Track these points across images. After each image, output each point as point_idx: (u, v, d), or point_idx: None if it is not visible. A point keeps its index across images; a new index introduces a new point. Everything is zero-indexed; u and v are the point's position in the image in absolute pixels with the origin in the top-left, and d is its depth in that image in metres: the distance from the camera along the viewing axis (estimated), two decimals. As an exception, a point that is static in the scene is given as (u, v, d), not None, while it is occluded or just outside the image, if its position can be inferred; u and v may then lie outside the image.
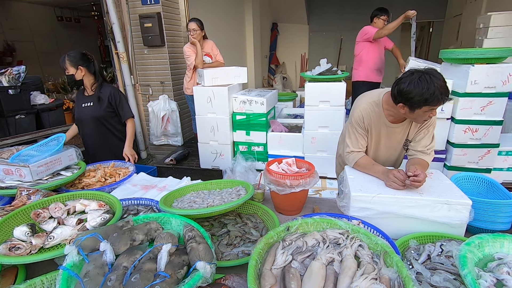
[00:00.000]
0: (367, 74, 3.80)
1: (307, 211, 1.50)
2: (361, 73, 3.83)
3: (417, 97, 1.27)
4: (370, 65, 3.76)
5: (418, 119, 1.40)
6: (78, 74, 2.13)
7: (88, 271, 0.84)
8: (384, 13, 3.62)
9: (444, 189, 1.25)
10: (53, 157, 1.66)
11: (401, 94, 1.32)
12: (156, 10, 3.81)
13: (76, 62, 2.11)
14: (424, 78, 1.26)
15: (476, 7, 5.20)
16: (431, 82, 1.24)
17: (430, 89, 1.24)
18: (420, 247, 1.09)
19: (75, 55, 2.12)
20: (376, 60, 3.76)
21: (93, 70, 2.20)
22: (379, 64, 3.79)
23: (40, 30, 6.75)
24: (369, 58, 3.74)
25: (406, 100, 1.32)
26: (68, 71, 2.10)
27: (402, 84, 1.31)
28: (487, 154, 2.68)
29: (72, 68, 2.10)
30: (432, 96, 1.24)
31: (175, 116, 4.18)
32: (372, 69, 3.77)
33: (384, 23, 3.62)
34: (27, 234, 1.10)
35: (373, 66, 3.77)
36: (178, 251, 0.96)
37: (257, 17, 7.07)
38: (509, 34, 3.90)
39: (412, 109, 1.33)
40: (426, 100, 1.26)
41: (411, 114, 1.36)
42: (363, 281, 0.78)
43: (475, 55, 2.43)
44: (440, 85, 1.24)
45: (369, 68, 3.77)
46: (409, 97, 1.29)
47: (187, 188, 1.57)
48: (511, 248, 0.94)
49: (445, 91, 1.26)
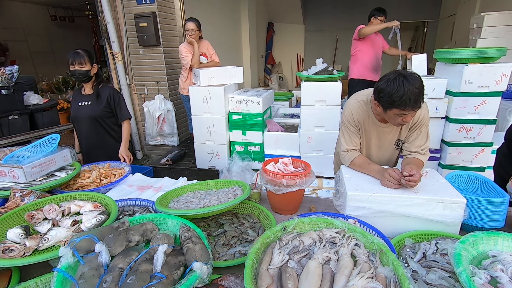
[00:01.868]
0: (361, 72, 3.85)
1: (304, 210, 1.50)
2: (356, 71, 3.89)
3: (386, 97, 1.27)
4: (364, 63, 3.81)
5: (391, 121, 1.40)
6: (92, 70, 2.18)
7: (83, 272, 0.83)
8: (381, 13, 3.65)
9: (439, 188, 1.26)
10: (47, 158, 1.64)
11: (376, 91, 1.34)
12: (152, 9, 3.79)
13: (92, 58, 2.18)
14: (397, 80, 1.24)
15: (469, 7, 5.25)
16: (402, 85, 1.23)
17: (399, 91, 1.23)
18: (415, 245, 1.10)
19: (88, 52, 2.17)
20: (371, 59, 3.80)
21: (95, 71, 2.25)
22: (374, 63, 3.83)
23: (33, 29, 6.67)
24: (364, 56, 3.79)
25: (379, 99, 1.33)
26: (84, 66, 2.12)
27: (379, 82, 1.32)
28: (481, 152, 2.71)
29: (89, 64, 2.14)
30: (399, 100, 1.23)
31: (171, 116, 4.16)
32: (367, 67, 3.81)
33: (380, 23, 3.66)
34: (21, 236, 1.09)
35: (367, 65, 3.81)
36: (175, 251, 0.96)
37: (253, 16, 7.06)
38: (502, 34, 3.95)
39: (384, 109, 1.34)
40: (393, 102, 1.26)
41: (385, 114, 1.37)
42: (359, 280, 0.78)
43: (469, 55, 2.46)
44: (411, 90, 1.22)
45: (364, 66, 3.81)
46: (380, 95, 1.31)
47: (183, 188, 1.57)
48: (504, 246, 0.96)
49: (415, 97, 1.23)
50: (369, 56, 3.78)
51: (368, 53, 3.77)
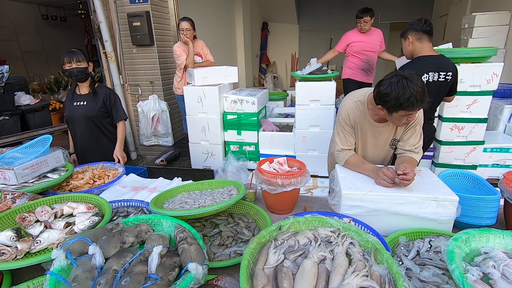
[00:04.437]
0: (350, 73, 3.85)
1: (299, 210, 1.51)
2: (346, 71, 3.91)
3: (393, 101, 1.28)
4: (354, 64, 3.80)
5: (396, 122, 1.42)
6: (90, 68, 2.19)
7: (76, 275, 0.82)
8: (365, 14, 3.52)
9: (432, 186, 1.27)
10: (39, 159, 1.62)
11: (379, 96, 1.34)
12: (145, 8, 3.76)
13: (86, 56, 2.18)
14: (401, 83, 1.26)
15: (461, 7, 5.32)
16: (407, 87, 1.24)
17: (405, 94, 1.24)
18: (409, 243, 1.11)
19: (84, 51, 2.18)
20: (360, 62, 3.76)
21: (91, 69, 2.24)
22: (364, 65, 3.78)
23: (24, 28, 6.57)
24: (353, 59, 3.78)
25: (383, 103, 1.34)
26: (81, 64, 2.12)
27: (381, 86, 1.33)
28: (473, 151, 2.75)
29: (85, 61, 2.15)
30: (407, 101, 1.25)
31: (165, 116, 4.13)
32: (356, 68, 3.80)
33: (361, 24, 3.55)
34: (12, 239, 1.07)
35: (356, 67, 3.79)
36: (170, 252, 0.95)
37: (247, 16, 7.05)
38: (493, 34, 4.02)
39: (389, 112, 1.35)
40: (401, 104, 1.27)
41: (389, 116, 1.38)
42: (354, 278, 0.79)
43: (460, 55, 2.49)
44: (416, 91, 1.24)
45: (354, 67, 3.81)
46: (385, 100, 1.31)
47: (178, 189, 1.56)
48: (496, 243, 0.97)
49: (421, 97, 1.26)
50: (358, 59, 3.76)
51: (356, 56, 3.75)
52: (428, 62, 1.95)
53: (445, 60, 1.97)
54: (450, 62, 1.98)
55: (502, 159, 2.79)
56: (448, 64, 1.96)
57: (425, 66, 1.95)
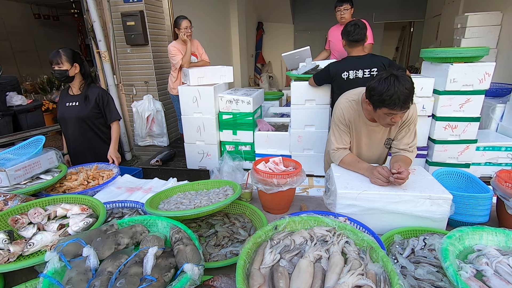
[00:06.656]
0: None
1: (295, 209, 1.51)
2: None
3: (377, 95, 1.29)
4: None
5: (380, 121, 1.42)
6: (72, 70, 2.11)
7: (70, 277, 0.81)
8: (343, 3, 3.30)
9: (426, 185, 1.29)
10: (32, 160, 1.60)
11: (367, 90, 1.36)
12: (139, 8, 3.73)
13: (71, 58, 2.09)
14: (389, 80, 1.27)
15: (454, 8, 5.38)
16: (393, 85, 1.25)
17: (389, 91, 1.25)
18: (404, 241, 1.12)
19: (69, 52, 2.10)
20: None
21: (83, 70, 2.18)
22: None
23: (16, 28, 6.46)
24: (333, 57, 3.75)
25: (370, 97, 1.35)
26: (61, 66, 2.05)
27: (372, 81, 1.34)
28: (466, 149, 2.79)
29: (67, 63, 2.07)
30: (389, 99, 1.26)
31: (160, 116, 4.11)
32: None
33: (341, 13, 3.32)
34: (5, 242, 1.05)
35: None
36: (165, 253, 0.94)
37: (242, 16, 7.04)
38: (485, 34, 4.07)
39: (374, 108, 1.36)
40: (383, 101, 1.28)
41: (375, 113, 1.39)
42: (350, 277, 0.79)
43: (453, 54, 2.52)
44: (401, 91, 1.24)
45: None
46: (371, 94, 1.33)
47: (174, 189, 1.55)
48: (489, 240, 0.98)
49: (404, 97, 1.25)
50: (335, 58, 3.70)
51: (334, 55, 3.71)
52: (352, 62, 2.31)
53: (370, 59, 2.30)
54: (377, 60, 2.29)
55: (495, 158, 2.83)
56: (373, 62, 2.28)
57: (347, 65, 2.31)
